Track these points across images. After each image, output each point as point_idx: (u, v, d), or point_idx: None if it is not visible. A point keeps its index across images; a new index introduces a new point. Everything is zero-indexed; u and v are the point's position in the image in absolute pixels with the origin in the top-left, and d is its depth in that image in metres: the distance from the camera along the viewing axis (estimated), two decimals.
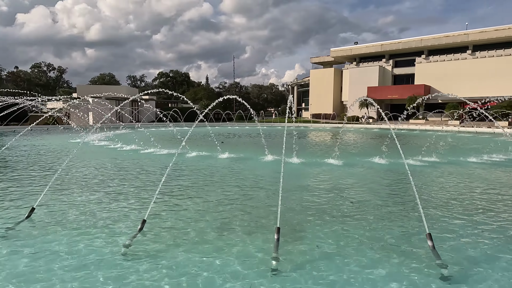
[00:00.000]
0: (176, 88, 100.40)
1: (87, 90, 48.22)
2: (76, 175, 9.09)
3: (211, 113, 45.60)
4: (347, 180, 8.83)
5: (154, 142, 15.77)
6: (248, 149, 16.77)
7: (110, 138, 19.84)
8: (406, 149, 16.60)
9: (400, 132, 31.15)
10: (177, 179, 8.66)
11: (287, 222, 5.27)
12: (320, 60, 72.36)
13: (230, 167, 10.73)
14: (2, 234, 4.77)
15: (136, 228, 4.84)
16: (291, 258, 4.08)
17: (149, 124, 39.48)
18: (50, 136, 23.40)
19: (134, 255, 4.14)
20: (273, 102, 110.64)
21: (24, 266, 3.85)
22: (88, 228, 5.02)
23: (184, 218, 5.52)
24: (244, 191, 7.49)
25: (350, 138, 25.01)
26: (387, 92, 57.50)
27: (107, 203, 6.39)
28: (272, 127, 38.76)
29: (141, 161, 11.86)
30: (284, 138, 7.16)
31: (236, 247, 4.38)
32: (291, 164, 10.83)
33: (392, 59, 60.81)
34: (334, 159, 11.34)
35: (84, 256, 4.10)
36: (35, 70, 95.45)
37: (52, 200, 6.41)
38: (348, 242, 4.56)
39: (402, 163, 6.28)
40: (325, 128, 40.50)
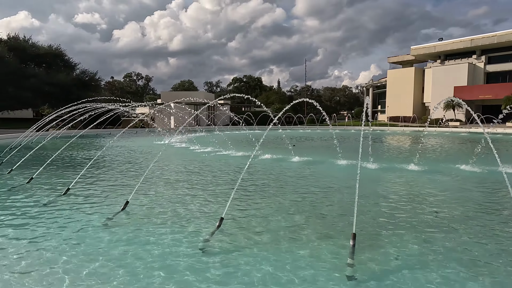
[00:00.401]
0: (249, 92, 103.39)
1: (169, 96, 52.44)
2: (162, 174, 9.96)
3: (283, 116, 45.93)
4: (430, 188, 8.17)
5: (229, 144, 16.49)
6: (321, 152, 16.52)
7: (190, 141, 21.28)
8: (502, 155, 14.69)
9: (494, 137, 27.64)
10: (251, 180, 8.94)
11: (363, 228, 5.08)
12: (398, 59, 68.03)
13: (303, 170, 10.71)
14: (104, 222, 5.47)
15: (214, 225, 5.14)
16: (367, 266, 3.94)
17: (224, 128, 41.35)
18: (138, 138, 25.98)
19: (212, 250, 4.40)
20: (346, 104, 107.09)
21: (119, 252, 4.36)
22: (172, 222, 5.48)
23: (259, 218, 5.69)
24: (317, 194, 7.42)
25: (433, 143, 22.99)
26: (478, 92, 51.54)
27: (188, 200, 6.89)
28: (345, 131, 37.52)
29: (218, 162, 12.50)
30: (360, 142, 6.91)
31: (309, 251, 4.37)
32: (366, 169, 10.38)
33: (484, 55, 54.37)
34: (415, 165, 10.56)
35: (167, 247, 4.48)
36: (126, 79, 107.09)
37: (142, 195, 7.13)
38: (431, 255, 4.23)
39: (498, 171, 5.61)
40: (404, 131, 37.84)
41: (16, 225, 5.40)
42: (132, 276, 3.74)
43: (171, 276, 3.74)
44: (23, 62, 34.03)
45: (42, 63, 36.83)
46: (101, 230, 5.16)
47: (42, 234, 4.96)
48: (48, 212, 6.03)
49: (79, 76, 38.92)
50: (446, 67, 56.72)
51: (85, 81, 38.68)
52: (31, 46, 35.84)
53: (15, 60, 32.32)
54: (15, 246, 4.51)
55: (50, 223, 5.46)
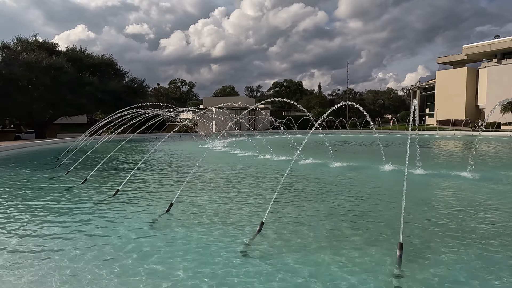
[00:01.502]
0: (289, 96, 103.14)
1: (211, 101, 53.82)
2: (204, 177, 10.21)
3: (324, 120, 45.21)
4: (484, 197, 7.57)
5: (269, 148, 16.52)
6: (364, 157, 16.01)
7: (231, 145, 21.64)
8: None
9: None
10: (292, 185, 8.87)
11: (410, 238, 4.83)
12: (449, 59, 64.27)
13: (344, 176, 10.44)
14: (150, 223, 5.71)
15: (255, 229, 5.16)
16: (415, 277, 3.72)
17: (264, 132, 41.54)
18: (182, 142, 26.90)
19: (252, 254, 4.41)
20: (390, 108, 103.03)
21: (161, 252, 4.50)
22: (213, 224, 5.58)
23: (299, 224, 5.62)
24: (360, 201, 7.18)
25: (489, 148, 21.34)
26: None
27: (229, 203, 6.99)
28: (390, 135, 36.06)
29: (258, 166, 12.57)
30: (407, 146, 6.59)
31: (352, 259, 4.23)
32: (413, 175, 9.88)
33: None
34: (468, 171, 9.86)
35: (208, 249, 4.56)
36: (171, 85, 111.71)
37: (186, 197, 7.35)
38: (487, 269, 3.90)
39: None
40: (455, 136, 35.53)
41: (70, 222, 5.80)
42: (170, 277, 3.84)
43: (211, 279, 3.80)
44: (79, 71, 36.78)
45: (96, 72, 39.52)
46: (146, 230, 5.38)
47: (92, 232, 5.28)
48: (99, 211, 6.43)
49: (128, 84, 41.19)
50: (504, 67, 52.53)
51: (133, 88, 40.82)
52: (87, 56, 38.63)
53: (73, 70, 35.01)
54: (71, 242, 4.84)
55: (101, 221, 5.81)
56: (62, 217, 6.10)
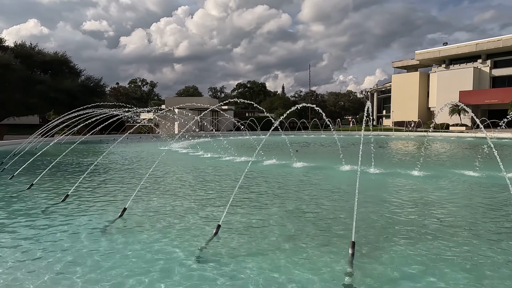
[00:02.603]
0: (253, 98, 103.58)
1: (174, 101, 52.67)
2: (162, 180, 9.91)
3: (287, 122, 45.88)
4: (433, 194, 8.02)
5: (231, 150, 16.43)
6: (324, 158, 16.41)
7: (193, 146, 21.28)
8: (508, 161, 14.46)
9: (499, 142, 27.29)
10: (251, 186, 8.86)
11: (363, 236, 4.97)
12: (403, 64, 67.84)
13: (305, 176, 10.61)
14: (101, 229, 5.42)
15: (211, 232, 5.06)
16: (366, 275, 3.83)
17: (227, 133, 41.36)
18: (141, 144, 26.05)
19: (207, 258, 4.32)
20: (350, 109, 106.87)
21: (113, 259, 4.29)
22: (168, 228, 5.41)
23: (257, 225, 5.60)
24: (318, 201, 7.32)
25: (438, 148, 22.75)
26: (484, 97, 51.13)
27: (186, 206, 6.82)
28: (349, 136, 37.35)
29: (219, 168, 12.44)
30: (360, 147, 6.81)
31: (307, 259, 4.27)
32: (369, 175, 10.26)
33: (490, 59, 54.02)
34: (418, 170, 10.42)
35: (162, 254, 4.41)
36: (131, 85, 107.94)
37: (141, 201, 7.07)
38: (433, 264, 4.11)
39: (501, 176, 5.48)
40: (409, 136, 37.56)
41: (11, 231, 5.36)
42: (125, 284, 3.66)
43: (165, 285, 3.66)
44: (29, 69, 34.39)
45: (48, 69, 37.19)
46: (96, 237, 5.10)
47: (36, 241, 4.91)
48: (45, 218, 6.00)
49: (84, 82, 39.17)
50: (451, 72, 56.40)
51: (90, 87, 38.88)
52: (37, 53, 36.20)
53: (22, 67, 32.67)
54: (10, 253, 4.46)
55: (46, 229, 5.42)
56: (4, 225, 5.63)
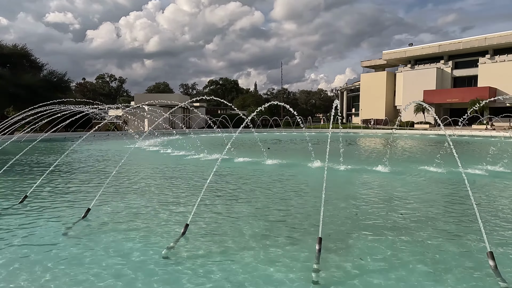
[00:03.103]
0: (225, 95, 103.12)
1: (143, 98, 51.33)
2: (128, 179, 9.62)
3: (259, 119, 46.01)
4: (397, 189, 8.32)
5: (203, 147, 16.24)
6: (295, 155, 16.59)
7: (163, 144, 20.84)
8: (466, 157, 15.28)
9: (460, 139, 28.83)
10: (221, 184, 8.79)
11: (330, 232, 5.06)
12: (371, 63, 69.89)
13: (275, 173, 10.67)
14: (63, 232, 5.17)
15: (179, 232, 4.96)
16: (333, 270, 3.89)
17: (199, 131, 40.88)
18: (109, 142, 25.20)
19: (175, 258, 4.23)
20: (321, 107, 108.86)
21: (76, 262, 4.11)
22: (135, 229, 5.25)
23: (226, 224, 5.56)
24: (287, 198, 7.38)
25: (403, 145, 23.67)
26: (446, 96, 53.73)
27: (154, 205, 6.66)
28: (320, 133, 38.04)
29: (189, 166, 12.26)
30: (328, 145, 6.93)
31: (276, 256, 4.29)
32: (337, 171, 10.48)
33: (451, 60, 56.82)
34: (384, 166, 10.77)
35: (129, 256, 4.28)
36: (99, 81, 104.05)
37: (106, 201, 6.82)
38: (397, 257, 4.25)
39: (460, 172, 5.76)
40: (376, 134, 38.83)
41: None
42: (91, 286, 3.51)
43: (131, 287, 3.55)
44: None
45: (6, 63, 35.10)
46: (58, 240, 4.87)
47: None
48: (2, 220, 5.65)
49: (46, 77, 37.33)
50: (416, 72, 58.80)
51: (53, 82, 37.10)
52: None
53: None
54: None
55: (4, 232, 5.10)
56: None
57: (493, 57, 51.59)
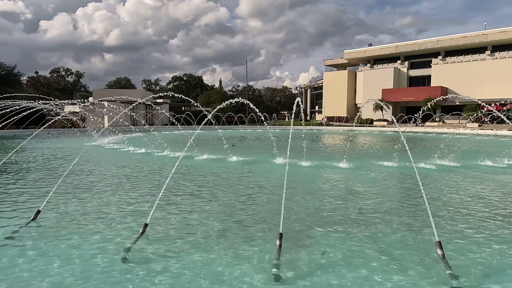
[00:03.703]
0: (189, 91, 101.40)
1: (103, 94, 49.17)
2: (83, 178, 9.16)
3: (224, 116, 45.76)
4: (356, 184, 8.62)
5: (165, 145, 15.84)
6: (259, 152, 16.67)
7: (123, 141, 20.08)
8: (419, 152, 16.18)
9: (414, 135, 30.48)
10: (183, 182, 8.63)
11: (291, 228, 5.13)
12: (334, 62, 71.83)
13: (239, 170, 10.65)
14: (8, 236, 4.81)
15: (138, 232, 4.79)
16: (293, 265, 3.95)
17: (162, 128, 39.87)
18: (65, 139, 23.88)
19: (134, 259, 4.08)
20: (286, 105, 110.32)
21: (25, 268, 3.84)
22: (90, 231, 5.00)
23: (187, 222, 5.45)
24: (250, 194, 7.39)
25: (362, 141, 24.59)
26: (403, 94, 56.51)
27: (111, 205, 6.39)
28: (284, 130, 38.54)
29: (149, 164, 11.91)
30: (289, 141, 7.01)
31: (238, 253, 4.27)
32: (299, 167, 10.67)
33: (407, 60, 59.81)
34: (344, 162, 11.12)
35: (84, 259, 4.07)
36: (54, 75, 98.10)
37: (59, 202, 6.44)
38: (356, 251, 4.39)
39: (412, 166, 6.06)
40: (338, 131, 40.05)
41: None
42: None
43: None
44: None
45: None
46: (4, 244, 4.52)
47: None
48: None
49: None
50: (375, 71, 61.29)
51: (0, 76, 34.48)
52: None
53: None
54: None
55: None
56: None
57: (444, 58, 54.97)
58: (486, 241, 4.68)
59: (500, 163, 11.72)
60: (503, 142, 21.78)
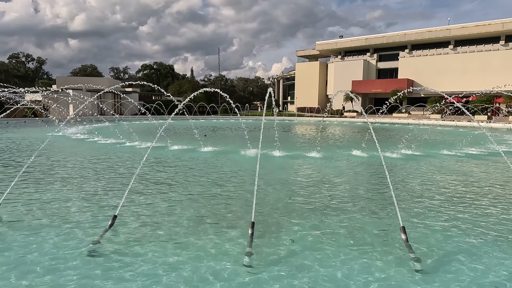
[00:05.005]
0: (160, 80, 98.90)
1: (67, 81, 46.91)
2: (47, 169, 8.76)
3: (196, 106, 45.10)
4: (326, 173, 8.83)
5: (134, 135, 15.43)
6: (231, 142, 16.63)
7: (90, 132, 19.34)
8: (386, 142, 16.78)
9: (382, 126, 31.54)
10: (154, 172, 8.47)
11: (263, 216, 5.19)
12: (306, 53, 72.36)
13: (211, 160, 10.58)
14: None
15: (106, 224, 4.67)
16: (265, 253, 4.00)
17: (131, 117, 38.74)
18: (27, 129, 22.66)
19: (102, 253, 3.98)
20: (258, 95, 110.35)
21: None
22: (56, 225, 4.81)
23: (158, 213, 5.38)
24: (222, 185, 7.38)
25: (332, 132, 25.14)
26: (371, 86, 58.07)
27: (78, 198, 6.17)
28: (257, 121, 38.62)
29: (118, 154, 11.57)
30: (261, 131, 7.04)
31: (210, 243, 4.27)
32: (271, 157, 10.76)
33: (376, 53, 61.34)
34: (315, 152, 11.33)
35: (50, 254, 3.92)
36: (12, 60, 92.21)
37: (20, 195, 6.14)
38: (324, 237, 4.52)
39: (379, 156, 6.28)
40: (309, 121, 40.66)
41: None
42: None
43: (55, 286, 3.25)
44: None
45: None
46: None
47: None
48: None
49: None
50: (346, 63, 62.46)
51: None
52: None
53: None
54: None
55: None
56: None
57: (411, 52, 56.90)
58: (446, 226, 4.96)
59: (459, 152, 12.40)
60: (463, 132, 23.03)
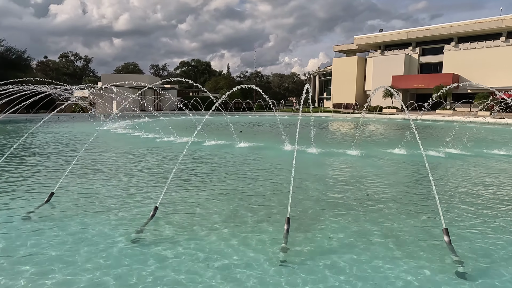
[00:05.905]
0: (197, 77, 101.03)
1: (111, 79, 49.31)
2: (95, 162, 9.32)
3: (231, 102, 45.64)
4: (364, 171, 8.62)
5: (173, 130, 15.95)
6: (267, 138, 16.69)
7: (132, 127, 20.26)
8: (429, 140, 16.02)
9: (424, 123, 30.11)
10: (192, 167, 8.73)
11: (300, 212, 5.19)
12: (343, 48, 70.59)
13: (247, 156, 10.71)
14: (23, 217, 4.96)
15: (148, 215, 4.91)
16: (301, 249, 4.02)
17: (170, 113, 39.99)
18: (75, 124, 24.18)
19: (144, 242, 4.20)
20: (294, 91, 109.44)
21: (41, 248, 3.98)
22: (102, 213, 5.13)
23: (196, 206, 5.55)
24: (259, 180, 7.45)
25: (371, 129, 24.41)
26: (413, 81, 55.57)
27: (122, 189, 6.52)
28: (292, 117, 38.39)
29: (158, 149, 12.04)
30: (297, 128, 7.02)
31: (247, 237, 4.35)
32: (308, 154, 10.67)
33: (419, 47, 58.53)
34: (353, 149, 11.09)
35: (96, 241, 4.19)
36: (62, 59, 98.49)
37: (72, 185, 6.60)
38: (362, 236, 4.44)
39: (421, 154, 6.04)
40: (346, 118, 39.73)
41: None
42: (58, 273, 3.42)
43: (101, 272, 3.49)
44: None
45: None
46: (20, 225, 4.67)
47: None
48: None
49: (3, 54, 34.86)
50: (385, 57, 60.17)
51: (10, 60, 34.76)
52: None
53: None
54: None
55: None
56: None
57: (457, 45, 53.67)
58: (492, 229, 4.69)
59: (510, 152, 11.58)
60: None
